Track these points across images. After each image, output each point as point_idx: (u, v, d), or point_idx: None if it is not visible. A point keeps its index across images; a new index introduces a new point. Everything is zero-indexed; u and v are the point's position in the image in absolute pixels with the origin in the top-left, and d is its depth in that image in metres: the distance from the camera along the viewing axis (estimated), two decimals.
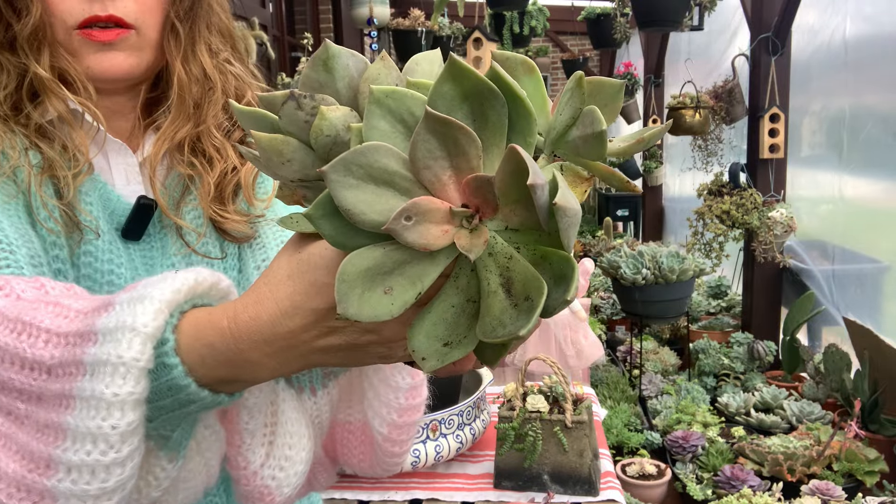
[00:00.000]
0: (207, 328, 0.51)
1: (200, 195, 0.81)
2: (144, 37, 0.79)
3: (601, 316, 4.71)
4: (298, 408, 0.72)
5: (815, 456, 2.61)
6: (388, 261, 0.43)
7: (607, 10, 5.42)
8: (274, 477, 0.69)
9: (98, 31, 0.76)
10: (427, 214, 0.41)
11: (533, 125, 0.42)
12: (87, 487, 0.51)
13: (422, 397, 0.77)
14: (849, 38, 3.42)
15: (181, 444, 0.59)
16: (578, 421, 1.58)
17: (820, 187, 3.83)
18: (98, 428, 0.50)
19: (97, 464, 0.51)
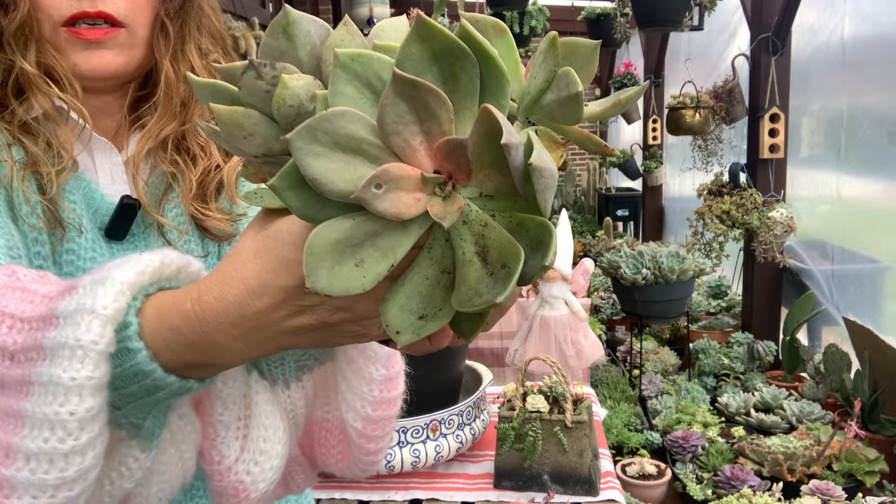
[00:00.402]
0: (171, 311, 0.49)
1: (182, 193, 0.80)
2: (134, 35, 0.78)
3: (601, 316, 4.71)
4: (272, 400, 0.70)
5: (815, 456, 2.61)
6: (358, 232, 0.41)
7: (607, 10, 5.42)
8: (249, 472, 0.67)
9: (86, 28, 0.75)
10: (398, 182, 0.39)
11: (506, 86, 0.40)
12: (46, 477, 0.49)
13: (397, 391, 0.75)
14: (847, 38, 3.42)
15: (153, 433, 0.57)
16: (578, 421, 1.58)
17: (819, 187, 3.83)
18: (55, 414, 0.48)
19: (55, 452, 0.49)
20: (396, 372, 0.74)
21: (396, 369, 0.74)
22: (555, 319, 2.28)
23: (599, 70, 9.13)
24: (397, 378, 0.74)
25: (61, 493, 0.50)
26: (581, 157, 9.60)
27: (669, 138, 6.29)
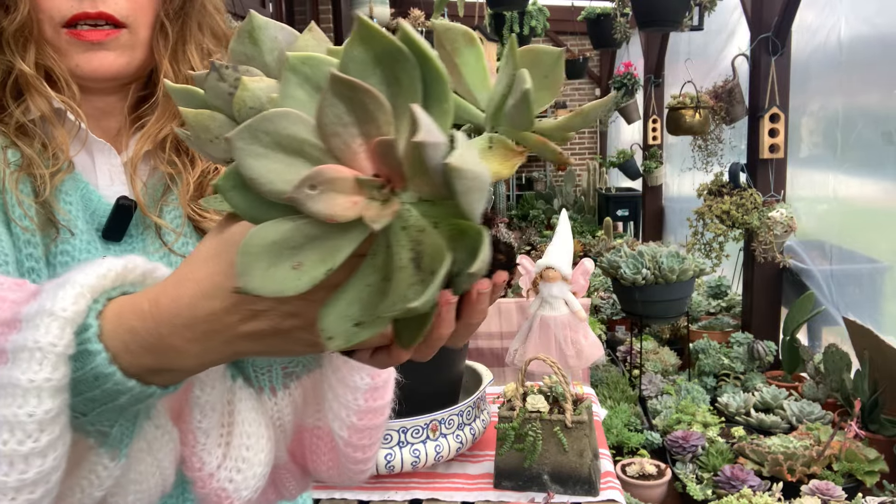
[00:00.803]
0: (129, 312, 0.49)
1: (180, 194, 0.80)
2: (136, 35, 0.78)
3: (601, 316, 4.71)
4: (257, 408, 0.70)
5: (815, 456, 2.61)
6: (298, 235, 0.40)
7: (607, 10, 5.42)
8: (231, 479, 0.66)
9: (87, 30, 0.75)
10: (333, 183, 0.38)
11: (446, 89, 0.39)
12: (6, 479, 0.49)
13: (384, 400, 0.73)
14: (844, 38, 3.42)
15: (122, 441, 0.57)
16: (578, 421, 1.58)
17: (817, 187, 3.83)
18: (14, 416, 0.48)
19: (14, 454, 0.49)
20: (383, 381, 0.72)
21: (383, 378, 0.72)
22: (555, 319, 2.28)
23: (600, 70, 9.14)
24: (384, 387, 0.73)
25: (22, 496, 0.50)
26: (581, 158, 9.61)
27: (669, 138, 6.29)
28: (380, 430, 0.75)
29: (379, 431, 0.75)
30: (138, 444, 0.60)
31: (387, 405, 0.74)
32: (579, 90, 9.51)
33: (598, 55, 8.92)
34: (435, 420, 1.58)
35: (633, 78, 6.36)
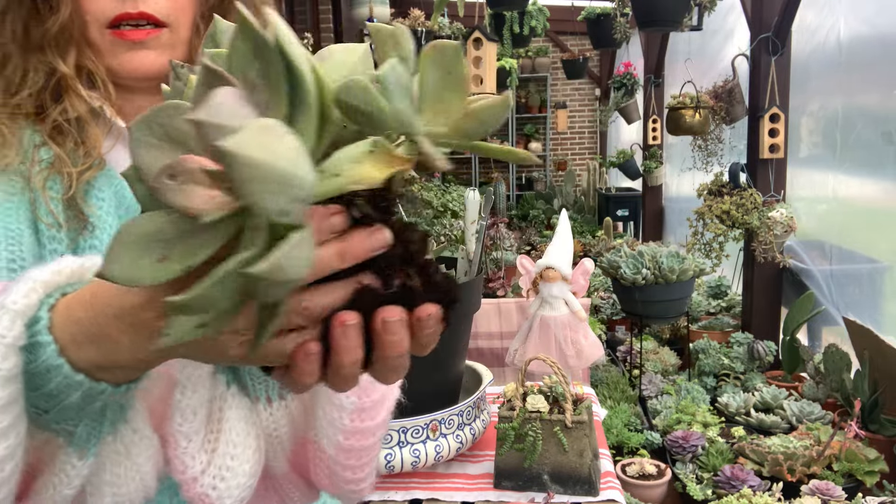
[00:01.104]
0: (75, 303, 0.50)
1: None
2: (176, 34, 0.80)
3: (601, 316, 4.71)
4: (248, 418, 0.69)
5: (815, 456, 2.61)
6: (171, 228, 0.38)
7: (607, 10, 5.42)
8: (215, 486, 0.66)
9: (129, 30, 0.77)
10: (192, 175, 0.36)
11: (305, 86, 0.38)
12: None
13: (373, 422, 0.70)
14: (843, 38, 3.42)
15: (89, 441, 0.58)
16: (578, 421, 1.58)
17: (817, 187, 3.83)
18: None
19: None
20: (371, 402, 0.70)
21: (372, 399, 0.70)
22: (555, 319, 2.28)
23: (600, 70, 9.14)
24: (373, 409, 0.70)
25: None
26: (581, 158, 9.61)
27: (669, 138, 6.29)
28: (370, 452, 0.72)
29: (369, 453, 0.72)
30: (114, 446, 0.61)
31: (377, 427, 0.71)
32: (579, 90, 9.50)
33: (598, 55, 8.92)
34: (435, 420, 1.58)
35: (632, 78, 6.36)
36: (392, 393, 0.73)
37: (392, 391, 0.73)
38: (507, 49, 6.10)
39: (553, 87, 9.45)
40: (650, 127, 6.30)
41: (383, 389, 0.71)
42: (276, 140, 0.34)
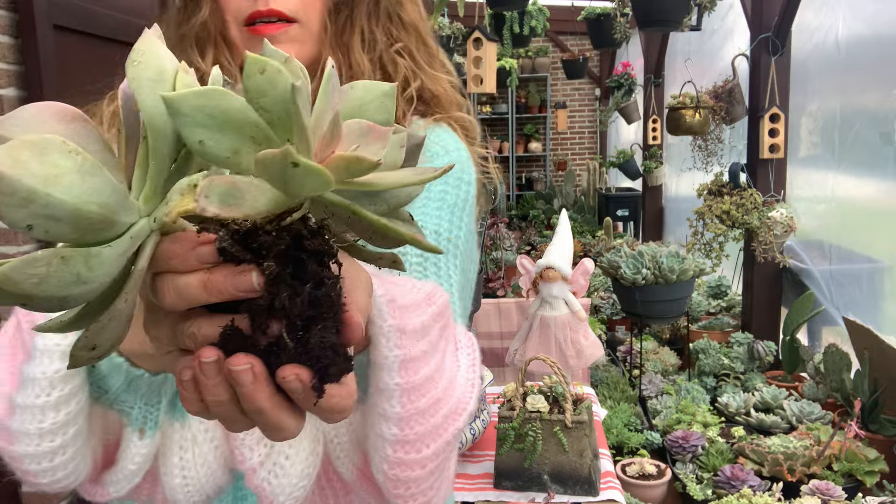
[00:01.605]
0: None
1: None
2: (307, 29, 0.83)
3: (601, 316, 4.71)
4: (308, 420, 0.70)
5: (815, 456, 2.61)
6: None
7: (607, 10, 5.42)
8: (269, 482, 0.69)
9: (262, 25, 0.81)
10: None
11: (144, 117, 0.37)
12: (30, 427, 0.61)
13: (418, 454, 0.65)
14: (842, 38, 3.42)
15: (146, 423, 0.66)
16: (578, 421, 1.58)
17: (816, 187, 3.83)
18: (33, 374, 0.61)
19: (34, 406, 0.61)
20: (416, 435, 0.65)
21: (416, 432, 0.65)
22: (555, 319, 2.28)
23: (600, 70, 9.14)
24: (417, 442, 0.65)
25: (45, 443, 0.62)
26: (581, 158, 9.61)
27: (669, 138, 6.29)
28: (420, 483, 0.67)
29: (419, 484, 0.67)
30: (182, 433, 0.69)
31: (424, 460, 0.66)
32: (579, 90, 9.51)
33: (598, 55, 8.92)
34: None
35: (630, 78, 6.36)
36: (447, 426, 0.66)
37: (447, 424, 0.66)
38: (507, 49, 6.10)
39: (553, 87, 9.45)
40: (650, 127, 6.30)
41: (433, 422, 0.65)
42: (36, 157, 0.32)
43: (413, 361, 0.61)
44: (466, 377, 0.69)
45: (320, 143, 0.37)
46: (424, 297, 0.66)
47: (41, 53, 2.36)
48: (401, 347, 0.60)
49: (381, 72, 0.88)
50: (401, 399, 0.61)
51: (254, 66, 0.34)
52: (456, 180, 0.88)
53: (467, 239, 0.87)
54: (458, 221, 0.86)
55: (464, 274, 0.86)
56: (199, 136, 0.34)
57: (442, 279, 0.81)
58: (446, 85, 0.95)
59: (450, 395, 0.66)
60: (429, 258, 0.81)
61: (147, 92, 0.36)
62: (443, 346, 0.68)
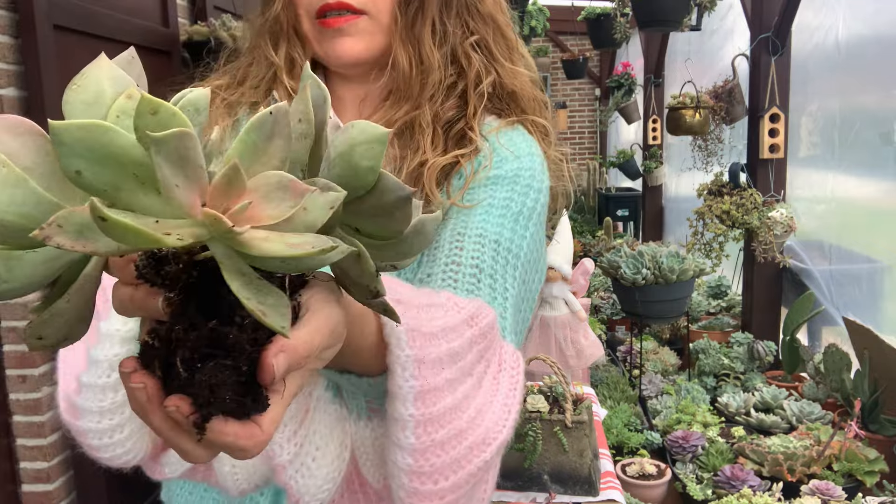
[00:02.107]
0: None
1: None
2: (376, 21, 0.83)
3: (601, 316, 4.70)
4: (333, 424, 0.72)
5: (815, 456, 2.61)
6: None
7: (607, 10, 5.42)
8: (296, 480, 0.71)
9: (332, 18, 0.82)
10: None
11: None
12: (92, 405, 0.67)
13: (435, 486, 0.63)
14: (842, 38, 3.42)
15: None
16: (578, 421, 1.58)
17: (816, 187, 3.83)
18: (96, 356, 0.67)
19: (96, 385, 0.67)
20: (432, 467, 0.63)
21: (431, 464, 0.62)
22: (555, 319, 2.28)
23: (600, 70, 9.14)
24: (434, 474, 0.63)
25: (105, 420, 0.68)
26: (581, 157, 9.61)
27: (669, 138, 6.28)
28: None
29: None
30: None
31: (442, 492, 0.64)
32: (579, 90, 9.51)
33: (598, 55, 8.92)
34: None
35: (629, 77, 6.36)
36: (471, 458, 0.64)
37: (471, 456, 0.64)
38: None
39: (553, 87, 9.45)
40: (650, 127, 6.30)
41: (453, 454, 0.63)
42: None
43: (431, 392, 0.60)
44: (504, 403, 0.67)
45: (213, 192, 0.36)
46: (463, 320, 0.65)
47: (41, 53, 2.36)
48: (417, 378, 0.59)
49: (453, 65, 0.88)
50: (415, 430, 0.60)
51: (146, 106, 0.34)
52: (524, 188, 0.86)
53: (531, 248, 0.85)
54: (523, 230, 0.84)
55: (524, 285, 0.84)
56: (76, 167, 0.35)
57: (496, 293, 0.79)
58: (525, 80, 0.93)
59: (477, 425, 0.64)
60: (484, 269, 0.78)
61: (79, 115, 0.37)
62: (480, 370, 0.66)
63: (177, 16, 3.33)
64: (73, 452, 2.56)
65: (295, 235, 0.38)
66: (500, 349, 0.70)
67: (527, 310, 0.87)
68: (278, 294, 0.39)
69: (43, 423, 2.43)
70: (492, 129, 0.89)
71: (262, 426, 0.41)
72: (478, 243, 0.79)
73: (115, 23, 2.83)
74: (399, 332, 0.58)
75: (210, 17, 3.46)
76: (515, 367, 0.70)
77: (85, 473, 2.57)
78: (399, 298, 0.60)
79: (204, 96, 0.41)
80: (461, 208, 0.83)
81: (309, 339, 0.42)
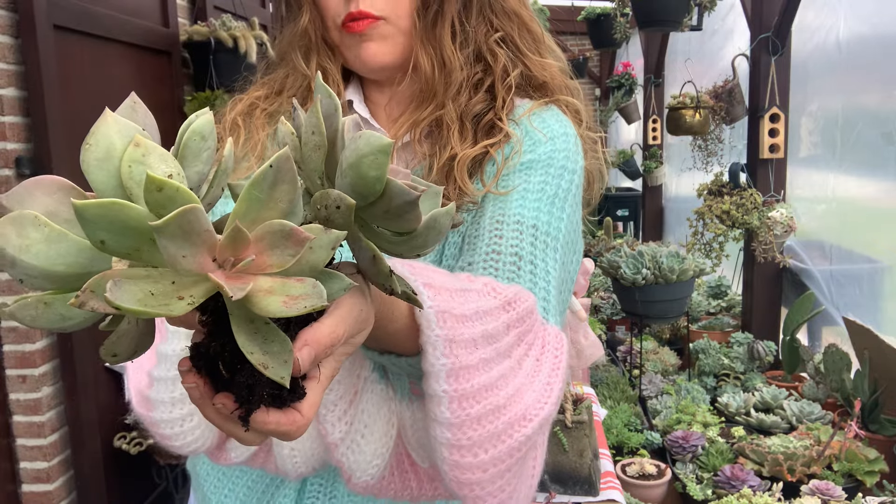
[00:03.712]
0: None
1: (424, 178, 0.86)
2: (395, 25, 0.85)
3: (601, 316, 4.70)
4: (380, 403, 0.76)
5: (815, 456, 2.61)
6: None
7: (607, 10, 5.42)
8: (347, 457, 0.74)
9: (354, 23, 0.84)
10: None
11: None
12: (164, 396, 0.72)
13: (475, 458, 0.64)
14: (843, 38, 3.42)
15: None
16: (578, 421, 1.58)
17: (817, 187, 3.83)
18: (164, 351, 0.72)
19: (166, 378, 0.72)
20: (470, 441, 0.64)
21: (469, 437, 0.64)
22: None
23: (600, 70, 9.13)
24: (474, 447, 0.65)
25: (176, 410, 0.73)
26: None
27: (669, 138, 6.29)
28: (485, 486, 0.66)
29: (483, 486, 0.67)
30: None
31: (483, 464, 0.65)
32: None
33: (598, 55, 8.92)
34: None
35: (630, 78, 6.36)
36: (511, 433, 0.66)
37: (511, 431, 0.66)
38: None
39: None
40: (650, 127, 6.30)
41: (490, 429, 0.65)
42: (14, 231, 0.41)
43: (465, 370, 0.63)
44: (547, 381, 0.69)
45: (221, 249, 0.41)
46: (499, 305, 0.68)
47: (41, 53, 2.36)
48: (448, 356, 0.62)
49: (480, 63, 0.89)
50: (450, 406, 0.63)
51: (152, 184, 0.38)
52: (559, 169, 0.87)
53: (569, 230, 0.86)
54: (560, 213, 0.85)
55: (564, 267, 0.85)
56: (100, 238, 0.40)
57: (538, 278, 0.80)
58: (554, 70, 0.94)
59: (516, 402, 0.66)
60: (524, 256, 0.80)
61: (95, 172, 0.42)
62: (520, 352, 0.69)
63: (177, 16, 3.33)
64: (74, 452, 2.56)
65: (297, 284, 0.42)
66: (543, 332, 0.73)
67: (566, 291, 0.87)
68: (282, 341, 0.44)
69: (43, 423, 2.43)
70: (524, 112, 0.90)
71: (302, 411, 0.46)
72: (516, 230, 0.81)
73: (115, 23, 2.83)
74: (429, 314, 0.61)
75: (210, 17, 3.47)
76: (559, 348, 0.73)
77: (85, 473, 2.57)
78: (431, 283, 0.63)
79: (208, 123, 0.45)
80: (498, 195, 0.84)
81: (332, 329, 0.47)
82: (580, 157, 0.91)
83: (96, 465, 2.60)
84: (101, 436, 2.63)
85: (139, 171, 0.41)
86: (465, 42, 0.87)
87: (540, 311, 0.77)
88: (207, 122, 0.45)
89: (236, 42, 3.23)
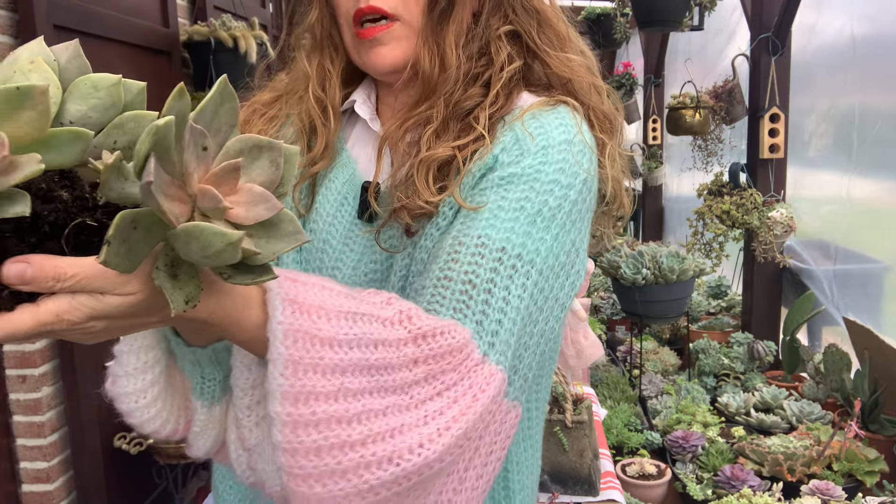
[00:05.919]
0: None
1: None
2: (408, 26, 0.82)
3: (601, 316, 4.70)
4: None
5: (815, 456, 2.61)
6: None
7: (607, 10, 5.42)
8: (258, 464, 0.73)
9: (367, 28, 0.82)
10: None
11: None
12: (117, 370, 0.71)
13: (310, 490, 0.60)
14: (848, 37, 3.41)
15: (202, 395, 0.72)
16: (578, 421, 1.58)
17: (825, 187, 3.82)
18: (131, 346, 0.70)
19: (121, 350, 0.70)
20: (302, 471, 0.60)
21: (301, 467, 0.60)
22: None
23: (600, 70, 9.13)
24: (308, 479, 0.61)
25: (130, 384, 0.70)
26: None
27: (669, 138, 6.28)
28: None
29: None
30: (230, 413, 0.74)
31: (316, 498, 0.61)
32: None
33: (599, 55, 8.91)
34: None
35: (631, 78, 6.36)
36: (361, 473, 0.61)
37: (360, 471, 0.61)
38: None
39: None
40: (650, 127, 6.30)
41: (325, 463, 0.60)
42: None
43: (309, 395, 0.58)
44: (446, 425, 0.62)
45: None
46: (407, 338, 0.63)
47: None
48: (288, 378, 0.58)
49: (485, 57, 0.85)
50: (282, 430, 0.59)
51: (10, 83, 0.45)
52: (547, 184, 0.77)
53: (556, 252, 0.76)
54: (542, 233, 0.75)
55: (541, 293, 0.75)
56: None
57: (491, 308, 0.71)
58: (580, 69, 0.90)
59: (383, 441, 0.60)
60: (478, 284, 0.71)
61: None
62: (424, 392, 0.63)
63: (177, 16, 3.33)
64: (74, 452, 2.56)
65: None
66: (472, 372, 0.66)
67: (547, 319, 0.77)
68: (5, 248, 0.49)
69: (43, 423, 2.43)
70: (522, 112, 0.82)
71: (7, 319, 0.47)
72: (476, 254, 0.73)
73: (115, 23, 2.83)
74: (276, 329, 0.58)
75: (210, 17, 3.46)
76: (484, 390, 0.65)
77: (85, 473, 2.57)
78: (297, 300, 0.59)
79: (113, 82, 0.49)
80: (468, 210, 0.77)
81: (67, 266, 0.47)
82: (582, 169, 0.80)
83: (96, 465, 2.60)
84: (101, 436, 2.63)
85: (19, 77, 0.47)
86: (471, 39, 0.84)
87: (479, 347, 0.69)
88: (110, 81, 0.49)
89: (236, 42, 3.23)
